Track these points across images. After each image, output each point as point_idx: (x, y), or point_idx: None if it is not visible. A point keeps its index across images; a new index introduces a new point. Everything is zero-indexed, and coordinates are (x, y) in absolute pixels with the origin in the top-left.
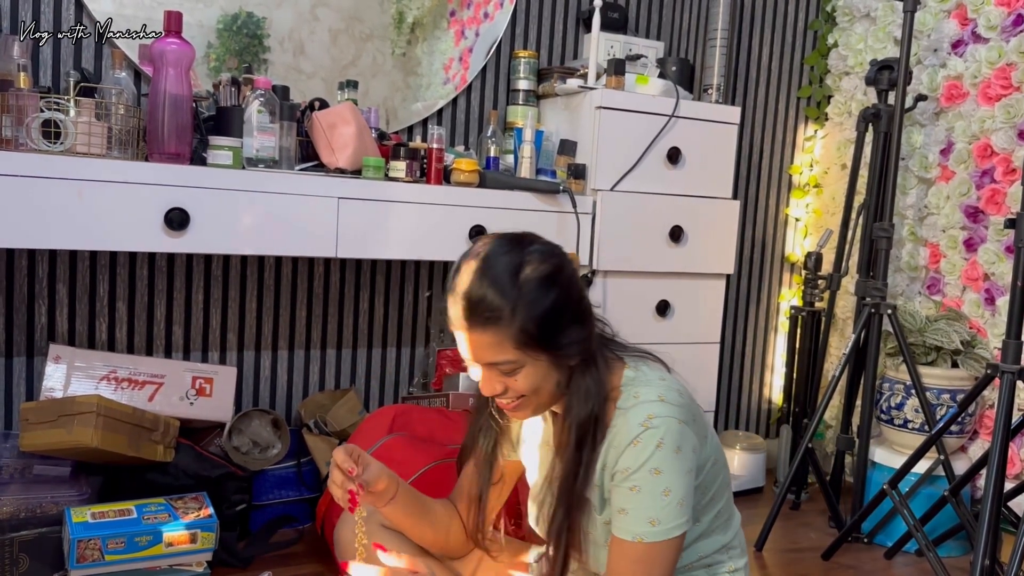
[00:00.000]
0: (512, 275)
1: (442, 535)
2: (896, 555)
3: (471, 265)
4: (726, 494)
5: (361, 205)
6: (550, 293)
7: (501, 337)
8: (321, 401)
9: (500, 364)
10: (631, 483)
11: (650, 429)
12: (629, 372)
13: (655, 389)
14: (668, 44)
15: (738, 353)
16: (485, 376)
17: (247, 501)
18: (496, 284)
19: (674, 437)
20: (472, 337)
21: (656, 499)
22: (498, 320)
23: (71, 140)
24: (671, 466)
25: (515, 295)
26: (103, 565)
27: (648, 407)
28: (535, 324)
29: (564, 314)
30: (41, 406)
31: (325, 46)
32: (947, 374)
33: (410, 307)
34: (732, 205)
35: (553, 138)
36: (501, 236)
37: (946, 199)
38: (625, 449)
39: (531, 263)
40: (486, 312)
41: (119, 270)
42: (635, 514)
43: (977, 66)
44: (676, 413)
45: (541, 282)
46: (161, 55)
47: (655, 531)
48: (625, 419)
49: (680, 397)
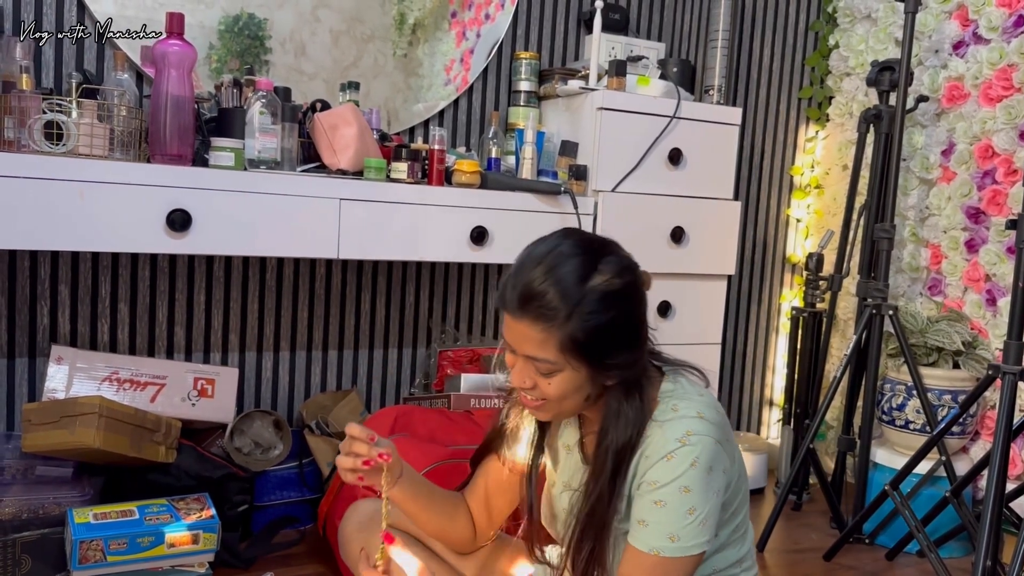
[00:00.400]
0: (580, 280)
1: (447, 525)
2: (898, 556)
3: (542, 256)
4: (744, 508)
5: (363, 206)
6: (611, 310)
7: (548, 336)
8: (323, 402)
9: (539, 361)
10: (657, 496)
11: (687, 446)
12: (668, 384)
13: (694, 404)
14: (669, 45)
15: (739, 354)
16: (519, 367)
17: (249, 502)
18: (560, 284)
19: (708, 457)
20: (520, 326)
21: (680, 516)
22: (551, 319)
23: (73, 141)
24: (701, 485)
25: (576, 300)
26: (105, 566)
27: (687, 423)
28: (586, 335)
29: (619, 335)
30: (43, 407)
31: (326, 47)
32: (948, 375)
33: (411, 308)
34: (733, 206)
35: (554, 139)
36: (581, 234)
37: (947, 200)
38: (657, 462)
39: (603, 274)
40: (542, 308)
41: (121, 271)
42: (656, 528)
43: (978, 67)
44: (713, 432)
45: (606, 296)
46: (163, 56)
47: (673, 547)
48: (661, 432)
49: (718, 415)
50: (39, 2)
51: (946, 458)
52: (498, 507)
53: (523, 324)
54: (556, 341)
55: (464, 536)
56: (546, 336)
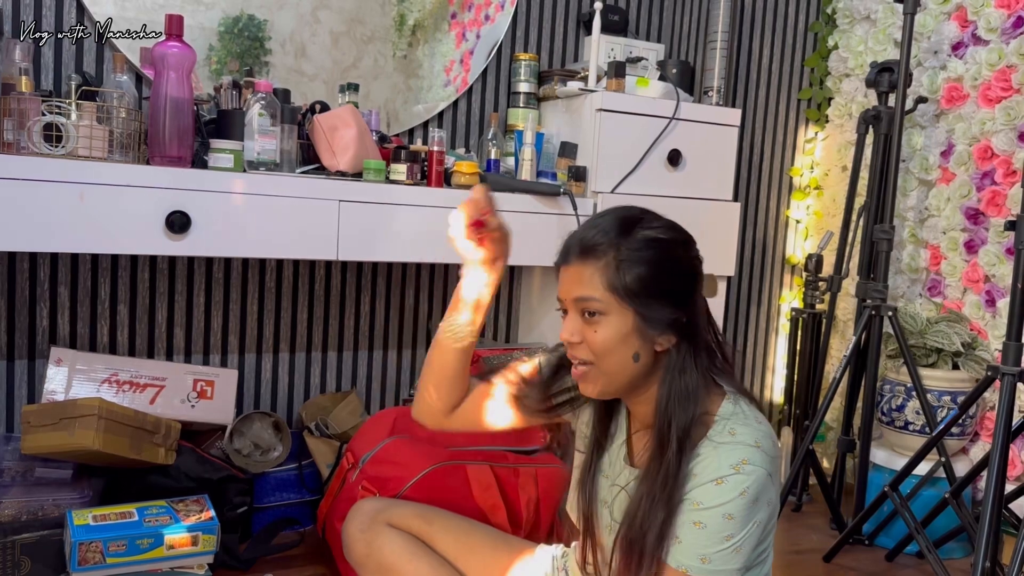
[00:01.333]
0: (628, 224)
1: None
2: (897, 557)
3: (601, 215)
4: (773, 532)
5: (362, 208)
6: (654, 255)
7: (593, 271)
8: (322, 403)
9: (587, 300)
10: (698, 518)
11: (740, 474)
12: (728, 404)
13: (753, 432)
14: (668, 46)
15: (739, 355)
16: (569, 317)
17: (248, 503)
18: (609, 227)
19: (758, 489)
20: (570, 269)
21: (717, 541)
22: (597, 253)
23: (72, 143)
24: (744, 515)
25: (622, 240)
26: (105, 568)
27: (744, 451)
28: (632, 273)
29: (662, 281)
30: (43, 409)
31: (326, 48)
32: (948, 376)
33: (411, 309)
34: (733, 207)
35: (554, 140)
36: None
37: (946, 201)
38: (707, 483)
39: (652, 227)
40: (589, 246)
41: (120, 273)
42: (689, 547)
43: (977, 68)
44: (768, 465)
45: (649, 241)
46: (162, 58)
47: (703, 568)
48: (716, 454)
49: (773, 447)
50: (38, 4)
51: (945, 459)
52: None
53: (573, 266)
54: (602, 277)
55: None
56: (593, 272)
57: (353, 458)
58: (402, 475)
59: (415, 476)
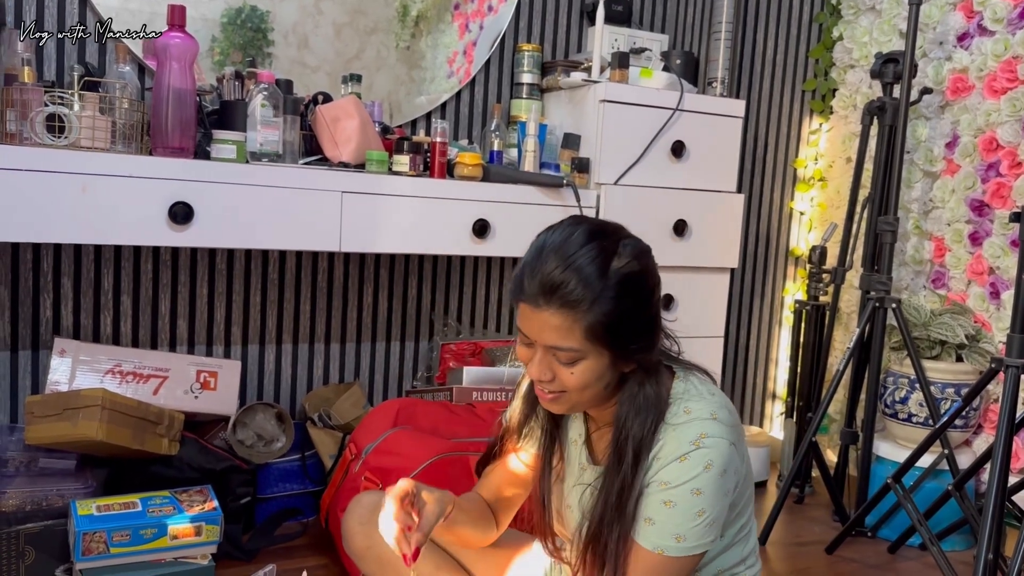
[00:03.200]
0: (602, 265)
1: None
2: (900, 549)
3: (559, 244)
4: (750, 507)
5: (365, 199)
6: (634, 293)
7: (572, 324)
8: (325, 395)
9: (561, 350)
10: (667, 497)
11: (701, 449)
12: (679, 384)
13: (707, 405)
14: (672, 37)
15: (742, 347)
16: (539, 358)
17: (251, 494)
18: (583, 271)
19: (723, 460)
20: (542, 316)
21: (689, 518)
22: (576, 307)
23: (75, 134)
24: (713, 488)
25: (600, 287)
26: (108, 558)
27: (701, 425)
28: (611, 319)
29: (640, 318)
30: (46, 399)
31: (329, 40)
32: (952, 368)
33: (414, 301)
34: (736, 199)
35: (557, 132)
36: (592, 221)
37: (951, 193)
38: (670, 463)
39: (622, 257)
40: (567, 296)
41: (123, 264)
42: (663, 527)
43: (983, 59)
44: (728, 434)
45: (628, 279)
46: (165, 49)
47: (678, 546)
48: (675, 434)
49: (731, 416)
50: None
51: (949, 451)
52: (511, 500)
53: (546, 314)
54: (581, 328)
55: (490, 536)
56: (571, 324)
57: (356, 449)
58: (405, 466)
59: (418, 467)
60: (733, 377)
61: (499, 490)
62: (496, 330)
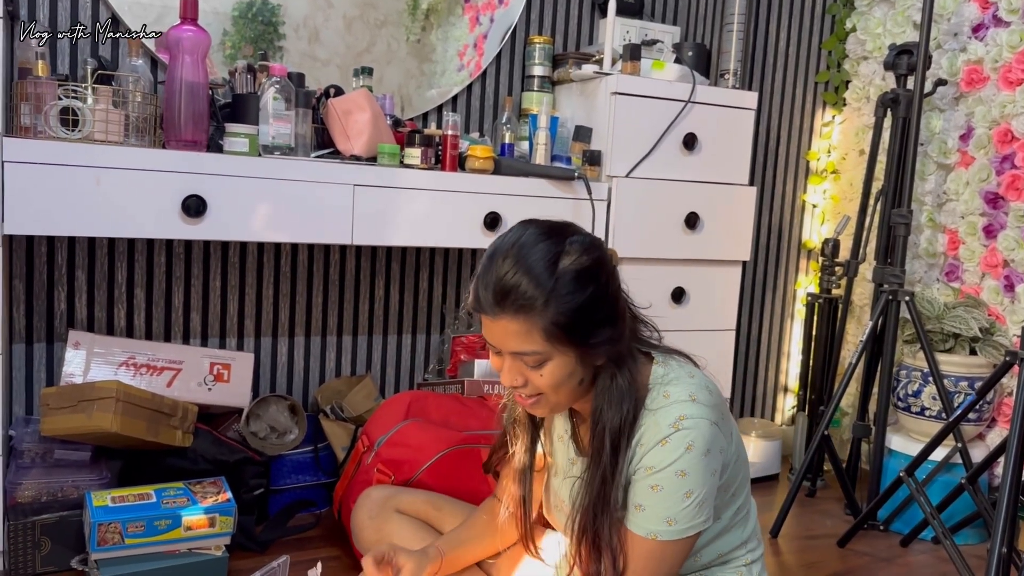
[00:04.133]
0: (549, 264)
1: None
2: (912, 543)
3: (507, 250)
4: (746, 489)
5: (376, 192)
6: (587, 288)
7: (530, 327)
8: (337, 387)
9: (526, 355)
10: (653, 481)
11: (681, 431)
12: (658, 368)
13: (686, 387)
14: (684, 29)
15: (754, 340)
16: (508, 366)
17: (265, 486)
18: (531, 272)
19: (704, 440)
20: (500, 324)
21: (677, 500)
22: (530, 309)
23: (89, 128)
24: (698, 468)
25: (550, 286)
26: (123, 548)
27: (679, 407)
28: (568, 317)
29: (598, 311)
30: (61, 391)
31: (340, 33)
32: (965, 361)
33: (425, 294)
34: (749, 191)
35: (568, 124)
36: (540, 223)
37: (965, 185)
38: (653, 448)
39: (570, 254)
40: (519, 300)
41: (137, 257)
42: (653, 512)
43: (998, 50)
44: (708, 414)
45: (578, 275)
46: (177, 42)
47: (671, 530)
48: (654, 419)
49: (711, 396)
50: None
51: (962, 445)
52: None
53: (503, 321)
54: (540, 330)
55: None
56: (528, 327)
57: (368, 441)
58: (416, 458)
59: (429, 459)
60: (745, 370)
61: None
62: None
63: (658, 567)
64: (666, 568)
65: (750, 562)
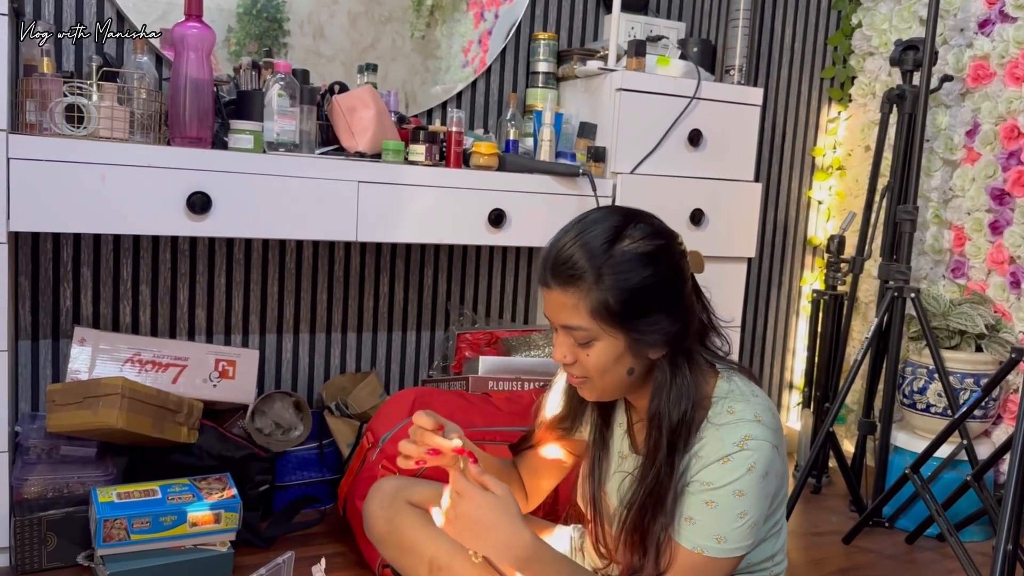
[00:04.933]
0: (607, 242)
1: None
2: (917, 539)
3: (574, 224)
4: (784, 505)
5: (381, 189)
6: (642, 271)
7: (577, 301)
8: (342, 384)
9: (574, 329)
10: (709, 497)
11: (745, 451)
12: (723, 383)
13: (751, 407)
14: (689, 25)
15: (759, 337)
16: (559, 340)
17: (270, 482)
18: (587, 247)
19: (765, 463)
20: (553, 295)
21: (731, 519)
22: (579, 281)
23: (94, 124)
24: (755, 491)
25: (603, 261)
26: (129, 544)
27: (745, 427)
28: (616, 298)
29: (652, 298)
30: (67, 388)
31: (344, 29)
32: (971, 358)
33: (430, 290)
34: (754, 188)
35: (573, 121)
36: (619, 207)
37: (971, 181)
38: (712, 464)
39: (632, 237)
40: (569, 271)
41: (142, 253)
42: (704, 528)
43: (1005, 46)
44: (771, 438)
45: (635, 257)
46: (182, 39)
47: (719, 548)
48: (718, 434)
49: (774, 419)
50: None
51: (967, 442)
52: (541, 487)
53: (555, 292)
54: (587, 305)
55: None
56: (576, 300)
57: (373, 438)
58: None
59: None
60: (750, 367)
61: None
62: (512, 319)
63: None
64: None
65: (775, 575)
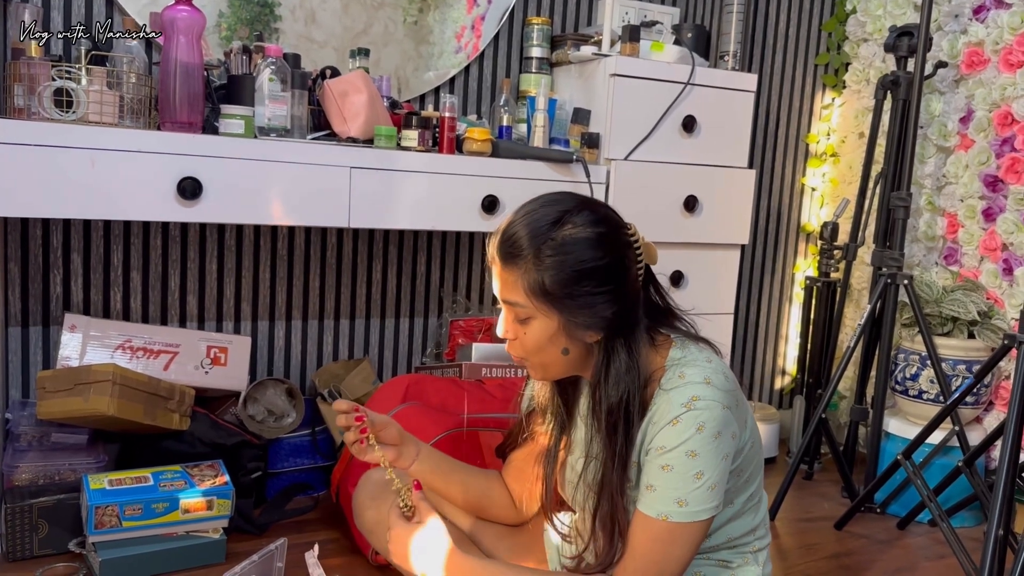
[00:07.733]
0: (550, 225)
1: (483, 501)
2: (909, 525)
3: (526, 205)
4: (759, 477)
5: (373, 175)
6: (579, 255)
7: (517, 277)
8: (335, 371)
9: (514, 305)
10: (664, 461)
11: (692, 411)
12: (675, 351)
13: (701, 371)
14: (684, 10)
15: (752, 324)
16: (502, 315)
17: (262, 469)
18: (532, 227)
19: (716, 422)
20: (497, 270)
21: (688, 481)
22: (519, 260)
23: (83, 109)
24: (708, 450)
25: (543, 242)
26: (121, 531)
27: (693, 388)
28: (552, 278)
29: (587, 283)
30: (57, 375)
31: (336, 14)
32: (963, 345)
33: (423, 277)
34: (748, 174)
35: (566, 107)
36: (576, 195)
37: (965, 168)
38: (664, 427)
39: (575, 223)
40: (512, 248)
41: (133, 240)
42: (663, 492)
43: (999, 32)
44: (721, 398)
45: (575, 242)
46: (172, 23)
47: (682, 511)
48: (667, 398)
49: (727, 381)
50: None
51: (959, 428)
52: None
53: (500, 267)
54: (524, 283)
55: (505, 511)
56: (516, 277)
57: None
58: None
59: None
60: (743, 354)
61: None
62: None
63: (667, 550)
64: (676, 552)
65: (757, 549)
